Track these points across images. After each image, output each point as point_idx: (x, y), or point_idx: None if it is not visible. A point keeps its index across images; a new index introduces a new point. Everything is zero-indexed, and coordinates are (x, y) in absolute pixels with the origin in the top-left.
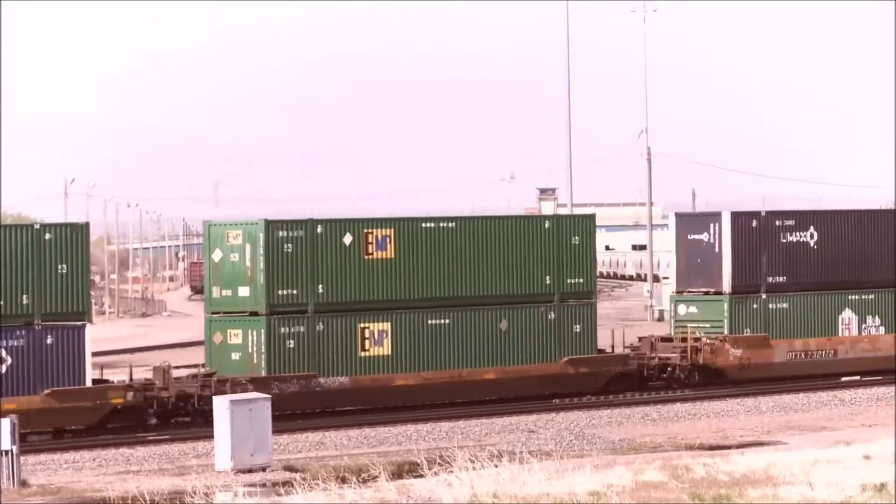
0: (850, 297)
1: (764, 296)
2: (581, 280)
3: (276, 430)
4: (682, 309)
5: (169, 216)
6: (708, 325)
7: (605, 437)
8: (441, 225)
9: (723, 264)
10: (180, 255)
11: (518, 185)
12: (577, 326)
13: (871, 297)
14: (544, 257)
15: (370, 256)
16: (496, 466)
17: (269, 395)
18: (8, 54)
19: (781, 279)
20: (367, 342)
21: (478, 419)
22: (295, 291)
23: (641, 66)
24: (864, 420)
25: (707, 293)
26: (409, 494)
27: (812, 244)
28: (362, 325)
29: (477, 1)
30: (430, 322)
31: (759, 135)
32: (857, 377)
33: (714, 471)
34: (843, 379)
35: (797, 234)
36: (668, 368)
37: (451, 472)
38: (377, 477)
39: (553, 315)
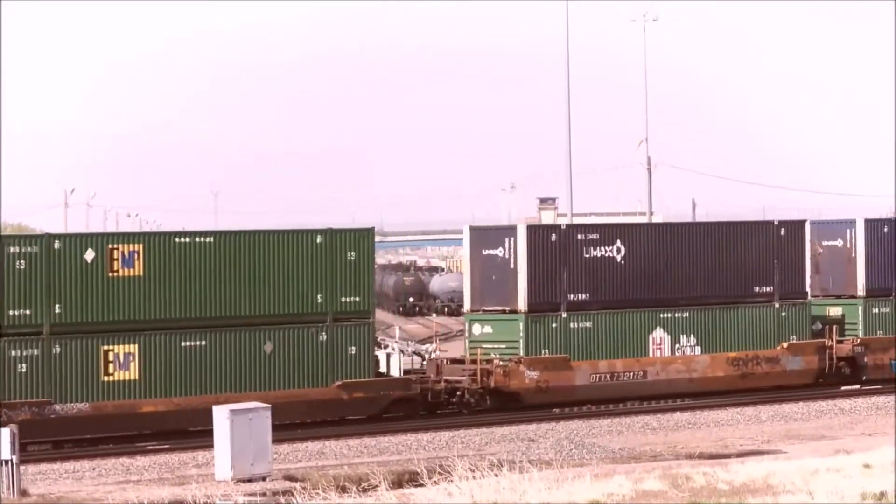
0: (661, 316)
1: (564, 314)
2: (357, 299)
3: (276, 440)
4: (476, 329)
5: (169, 225)
6: (504, 346)
7: (605, 445)
8: (197, 240)
9: (518, 281)
10: None
11: (518, 194)
12: (353, 348)
13: (686, 314)
14: (316, 274)
15: (115, 274)
16: (496, 476)
17: (269, 405)
18: (4, 55)
19: (584, 297)
20: (111, 366)
21: (478, 428)
22: (28, 311)
23: (643, 75)
24: (864, 429)
25: (503, 312)
26: (410, 503)
27: (619, 259)
28: (106, 347)
29: (477, 2)
30: (183, 344)
31: (761, 144)
32: (857, 386)
33: (714, 480)
34: (843, 388)
35: (602, 248)
36: (458, 392)
37: (451, 481)
38: (377, 486)
39: (325, 336)
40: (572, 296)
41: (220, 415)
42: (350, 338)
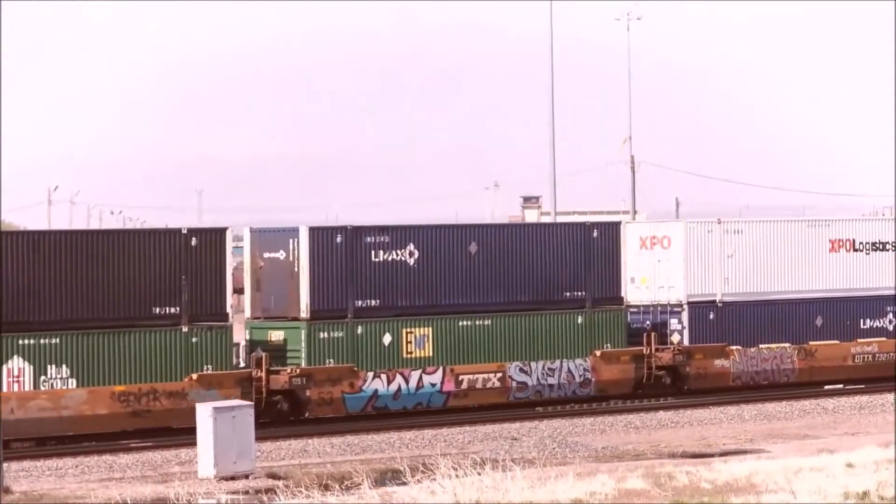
0: (21, 343)
1: None
2: None
3: (260, 438)
4: None
5: (153, 223)
6: None
7: (588, 444)
8: None
9: None
10: None
11: (502, 193)
12: None
13: (56, 341)
14: None
15: None
16: (479, 474)
17: (251, 403)
18: None
19: None
20: None
21: (461, 427)
22: None
23: (626, 74)
24: (847, 428)
25: None
26: (392, 502)
27: None
28: None
29: (461, 2)
30: None
31: (745, 144)
32: (840, 385)
33: (697, 479)
34: (827, 387)
35: None
36: None
37: (434, 479)
38: (360, 484)
39: None
40: None
41: (203, 412)
42: None
